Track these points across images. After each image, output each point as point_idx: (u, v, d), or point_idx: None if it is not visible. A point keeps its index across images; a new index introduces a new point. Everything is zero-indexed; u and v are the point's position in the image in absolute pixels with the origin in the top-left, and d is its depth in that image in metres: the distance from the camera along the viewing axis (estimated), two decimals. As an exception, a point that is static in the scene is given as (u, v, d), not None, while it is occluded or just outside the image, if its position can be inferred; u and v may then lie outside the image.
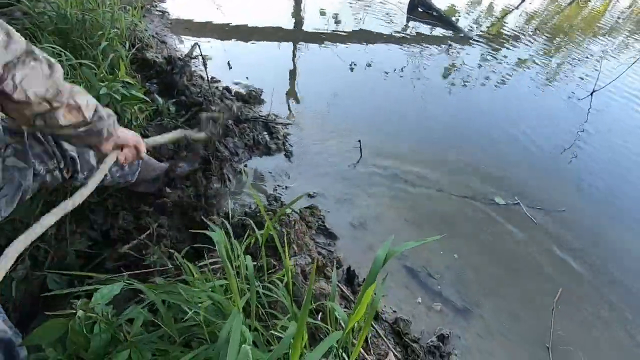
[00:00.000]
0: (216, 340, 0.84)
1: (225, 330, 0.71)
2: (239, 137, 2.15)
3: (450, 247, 1.89)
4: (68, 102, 0.91)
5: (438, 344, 1.42)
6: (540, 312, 1.65)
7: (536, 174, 2.49)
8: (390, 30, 4.14)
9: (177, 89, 2.31)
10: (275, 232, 0.98)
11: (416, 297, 1.63)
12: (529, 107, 3.28)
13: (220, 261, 1.34)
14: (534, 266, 1.88)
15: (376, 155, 2.35)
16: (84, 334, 0.97)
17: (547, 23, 5.49)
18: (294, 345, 0.73)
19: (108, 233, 1.80)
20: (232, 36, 3.44)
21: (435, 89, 3.25)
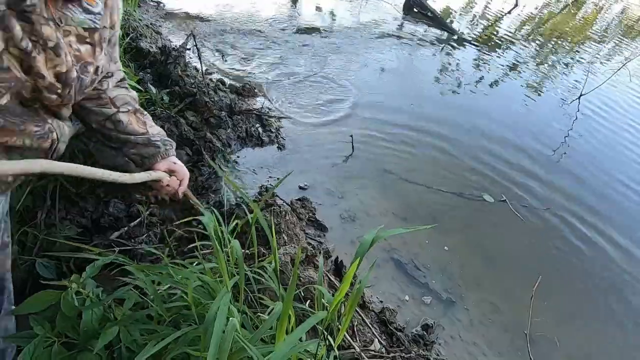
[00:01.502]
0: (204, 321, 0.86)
1: (214, 307, 0.73)
2: (232, 129, 2.16)
3: (437, 241, 1.93)
4: (136, 113, 1.00)
5: (422, 333, 1.45)
6: (520, 302, 1.70)
7: (524, 173, 2.55)
8: (385, 29, 4.18)
9: (171, 79, 2.31)
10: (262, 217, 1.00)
11: (403, 289, 1.66)
12: (520, 109, 3.35)
13: (210, 248, 1.36)
14: (517, 260, 1.94)
15: (367, 151, 2.38)
16: (75, 307, 0.98)
17: (539, 28, 5.59)
18: (279, 323, 0.76)
19: (98, 220, 1.79)
20: (227, 29, 3.44)
21: (427, 89, 3.30)
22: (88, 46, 0.77)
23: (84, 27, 0.74)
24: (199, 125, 2.12)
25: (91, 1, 0.75)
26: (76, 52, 0.75)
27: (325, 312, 0.80)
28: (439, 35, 4.37)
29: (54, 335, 1.00)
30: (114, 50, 0.90)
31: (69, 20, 0.71)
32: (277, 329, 0.77)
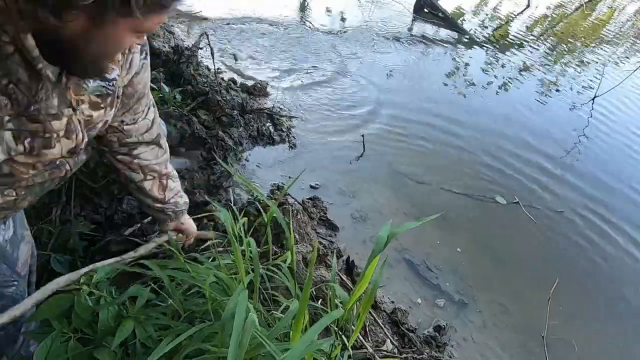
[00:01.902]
0: (219, 318, 0.86)
1: (231, 303, 0.73)
2: (244, 128, 2.17)
3: (449, 242, 1.91)
4: (160, 180, 1.07)
5: (434, 335, 1.44)
6: (533, 305, 1.68)
7: (537, 175, 2.52)
8: (395, 30, 4.16)
9: (183, 78, 2.33)
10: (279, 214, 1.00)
11: (415, 290, 1.65)
12: (532, 110, 3.31)
13: (224, 245, 1.37)
14: (530, 263, 1.91)
15: (379, 151, 2.37)
16: (89, 307, 0.99)
17: (552, 29, 5.52)
18: (295, 321, 0.75)
19: (112, 217, 1.81)
20: (238, 29, 3.46)
21: (438, 89, 3.28)
22: (101, 111, 0.76)
23: (97, 94, 0.73)
24: (211, 123, 2.13)
25: None
26: (87, 117, 0.74)
27: (341, 311, 0.79)
28: (449, 36, 4.35)
29: (70, 330, 1.01)
30: (138, 104, 0.88)
31: (82, 90, 0.68)
32: (293, 327, 0.77)
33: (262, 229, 1.51)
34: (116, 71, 0.74)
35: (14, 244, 0.95)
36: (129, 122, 0.91)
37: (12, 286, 0.96)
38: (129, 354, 1.04)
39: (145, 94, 0.90)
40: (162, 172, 1.07)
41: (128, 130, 0.93)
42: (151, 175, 1.05)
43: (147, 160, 1.02)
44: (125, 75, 0.79)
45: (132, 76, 0.81)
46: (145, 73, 0.85)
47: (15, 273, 0.96)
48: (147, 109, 0.94)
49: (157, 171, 1.05)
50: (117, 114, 0.85)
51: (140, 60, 0.82)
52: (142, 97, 0.89)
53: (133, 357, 1.02)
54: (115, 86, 0.75)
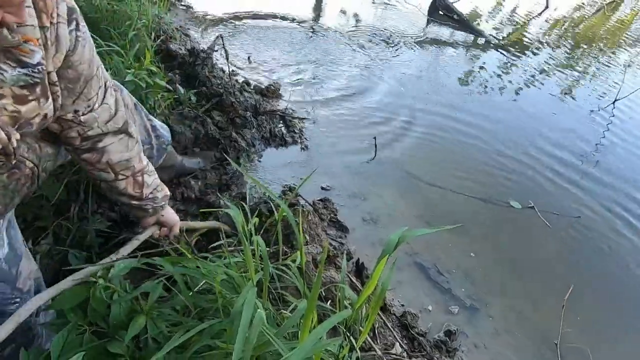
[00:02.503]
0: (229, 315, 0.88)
1: (240, 300, 0.74)
2: (257, 129, 2.19)
3: (461, 246, 1.89)
4: (135, 177, 0.98)
5: (445, 339, 1.42)
6: (548, 312, 1.64)
7: (553, 180, 2.46)
8: (409, 32, 4.14)
9: (198, 80, 2.37)
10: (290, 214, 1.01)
11: (425, 293, 1.63)
12: (550, 113, 3.24)
13: (234, 244, 1.38)
14: (545, 269, 1.87)
15: (391, 154, 2.36)
16: (104, 300, 1.02)
17: (571, 31, 5.40)
18: (304, 320, 0.76)
19: (127, 215, 1.85)
20: (253, 31, 3.50)
21: (452, 92, 3.24)
22: (31, 104, 0.65)
23: (21, 85, 0.62)
24: (224, 124, 2.16)
25: (24, 51, 0.59)
26: (13, 114, 0.63)
27: (350, 311, 0.79)
28: (465, 38, 4.30)
29: (86, 323, 1.04)
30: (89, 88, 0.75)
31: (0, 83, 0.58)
32: (302, 326, 0.77)
33: (272, 229, 1.52)
34: (38, 53, 0.62)
35: (11, 262, 0.93)
36: (85, 111, 0.79)
37: (14, 303, 0.95)
38: (140, 348, 1.07)
39: (94, 75, 0.76)
40: (135, 170, 0.96)
41: (86, 121, 0.80)
42: (123, 175, 0.95)
43: (118, 155, 0.90)
44: (54, 55, 0.66)
45: (65, 55, 0.68)
46: (84, 48, 0.71)
47: (17, 290, 0.96)
48: (102, 91, 0.81)
49: (130, 168, 0.95)
50: (66, 104, 0.74)
51: (70, 33, 0.67)
52: (90, 79, 0.76)
53: (145, 352, 1.04)
54: (42, 72, 0.64)
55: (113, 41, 2.23)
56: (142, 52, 2.29)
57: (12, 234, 0.97)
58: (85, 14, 2.34)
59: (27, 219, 1.67)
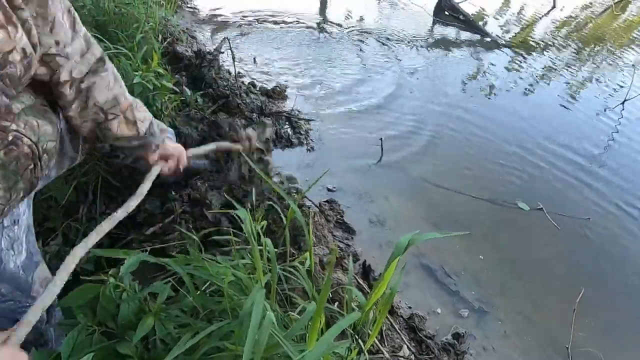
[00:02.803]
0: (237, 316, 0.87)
1: (249, 302, 0.74)
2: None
3: (469, 249, 1.87)
4: (125, 115, 0.94)
5: (453, 342, 1.41)
6: (558, 315, 1.62)
7: (562, 181, 2.44)
8: (415, 32, 4.13)
9: (205, 82, 2.38)
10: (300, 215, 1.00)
11: (432, 296, 1.62)
12: (558, 113, 3.21)
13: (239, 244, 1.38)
14: (555, 272, 1.84)
15: (397, 155, 2.35)
16: (113, 299, 1.03)
17: (579, 30, 5.35)
18: (312, 322, 0.75)
19: (135, 216, 1.86)
20: (259, 33, 3.51)
21: (458, 93, 3.22)
22: None
23: None
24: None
25: None
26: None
27: (358, 314, 0.79)
28: (471, 38, 4.28)
29: (95, 324, 1.05)
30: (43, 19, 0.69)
31: None
32: (310, 329, 0.77)
33: (279, 230, 1.52)
34: None
35: (28, 269, 0.94)
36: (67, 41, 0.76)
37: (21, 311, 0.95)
38: (148, 349, 1.07)
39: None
40: (123, 106, 0.93)
41: (73, 53, 0.78)
42: (113, 114, 0.91)
43: (103, 94, 0.87)
44: None
45: None
46: None
47: (31, 297, 0.96)
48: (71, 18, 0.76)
49: (118, 106, 0.91)
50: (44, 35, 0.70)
51: None
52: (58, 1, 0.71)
53: (153, 352, 1.05)
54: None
55: (121, 44, 2.25)
56: (150, 54, 2.30)
57: (30, 239, 0.97)
58: (93, 17, 2.37)
59: (36, 220, 1.68)
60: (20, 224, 0.92)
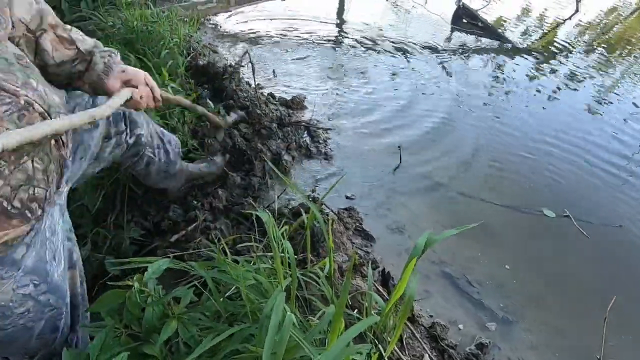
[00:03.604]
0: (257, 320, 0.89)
1: (269, 304, 0.75)
2: (282, 140, 2.23)
3: (491, 257, 1.83)
4: (57, 32, 0.86)
5: (477, 353, 1.37)
6: (589, 326, 1.55)
7: (590, 187, 2.35)
8: (433, 40, 4.13)
9: (226, 93, 2.46)
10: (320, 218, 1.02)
11: (454, 304, 1.59)
12: (584, 119, 3.11)
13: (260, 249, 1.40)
14: (584, 281, 1.77)
15: (416, 163, 2.34)
16: (139, 304, 1.06)
17: (604, 35, 5.20)
18: (332, 325, 0.76)
19: (159, 224, 1.93)
20: (277, 47, 3.60)
21: (479, 99, 3.18)
22: None
23: None
24: (250, 136, 2.22)
25: None
26: None
27: (377, 317, 0.79)
28: (491, 45, 4.23)
29: (121, 326, 1.09)
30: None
31: None
32: (330, 332, 0.78)
33: (297, 236, 1.54)
34: None
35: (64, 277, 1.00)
36: None
37: (61, 319, 1.00)
38: (172, 352, 1.10)
39: None
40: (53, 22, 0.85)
41: None
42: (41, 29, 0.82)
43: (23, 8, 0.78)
44: None
45: None
46: None
47: (65, 304, 1.01)
48: None
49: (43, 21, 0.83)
50: None
51: None
52: None
53: (176, 355, 1.07)
54: None
55: (146, 58, 2.36)
56: (174, 68, 2.41)
57: (71, 248, 1.03)
58: (122, 35, 2.50)
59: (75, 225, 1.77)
60: (57, 233, 0.95)
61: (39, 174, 0.73)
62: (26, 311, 0.85)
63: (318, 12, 4.41)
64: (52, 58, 0.87)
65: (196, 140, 2.14)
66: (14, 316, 0.82)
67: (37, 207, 0.76)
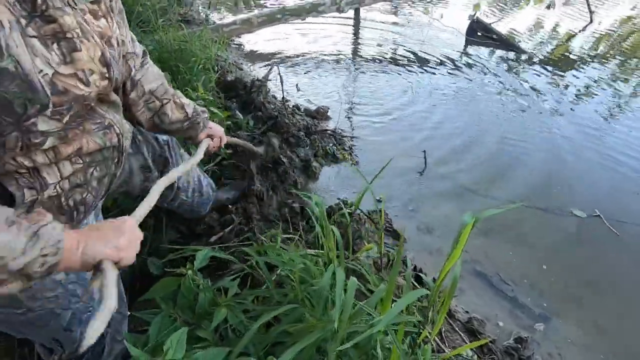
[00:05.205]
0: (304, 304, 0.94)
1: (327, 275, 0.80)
2: (310, 147, 2.32)
3: (523, 256, 1.83)
4: (174, 99, 1.09)
5: (516, 346, 1.37)
6: (628, 325, 1.52)
7: (616, 190, 2.34)
8: (449, 53, 4.22)
9: (254, 105, 2.58)
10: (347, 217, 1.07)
11: (488, 301, 1.59)
12: (604, 125, 3.11)
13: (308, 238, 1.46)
14: (619, 280, 1.75)
15: (441, 166, 2.38)
16: (192, 289, 1.13)
17: (620, 44, 5.21)
18: (386, 295, 0.80)
19: (195, 229, 2.01)
20: (299, 63, 3.75)
21: (499, 106, 3.22)
22: (103, 19, 0.73)
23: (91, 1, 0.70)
24: (279, 144, 2.31)
25: None
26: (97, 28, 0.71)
27: (426, 291, 0.83)
28: (505, 56, 4.30)
29: (175, 313, 1.15)
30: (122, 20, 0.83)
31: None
32: (382, 304, 0.82)
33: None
34: None
35: None
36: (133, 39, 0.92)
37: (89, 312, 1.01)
38: (221, 338, 1.15)
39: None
40: (171, 92, 1.08)
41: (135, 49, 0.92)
42: (166, 99, 1.06)
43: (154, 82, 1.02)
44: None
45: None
46: None
47: (92, 299, 1.01)
48: None
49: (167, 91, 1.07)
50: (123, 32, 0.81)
51: None
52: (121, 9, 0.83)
53: (225, 341, 1.12)
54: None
55: (181, 75, 2.52)
56: (207, 84, 2.55)
57: None
58: (156, 54, 2.68)
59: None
60: None
61: (94, 182, 0.83)
62: (55, 297, 0.88)
63: (335, 31, 4.59)
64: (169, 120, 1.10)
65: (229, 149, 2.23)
66: (43, 299, 0.85)
67: (83, 210, 0.84)
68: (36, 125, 0.63)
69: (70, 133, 0.71)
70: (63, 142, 0.70)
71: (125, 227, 0.73)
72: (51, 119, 0.65)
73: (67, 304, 0.92)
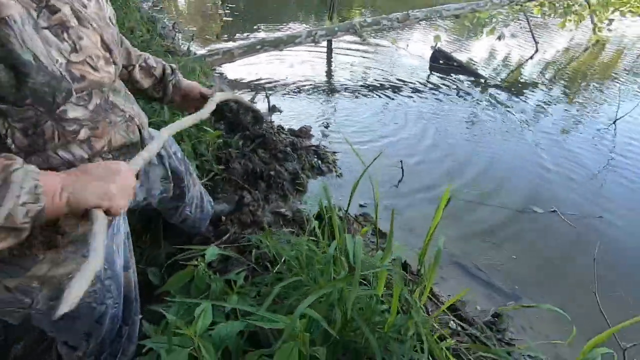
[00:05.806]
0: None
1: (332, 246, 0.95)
2: (297, 161, 2.50)
3: (495, 249, 2.05)
4: (140, 64, 1.07)
5: (494, 320, 1.55)
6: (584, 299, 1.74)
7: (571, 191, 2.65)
8: (415, 80, 4.62)
9: (242, 126, 2.75)
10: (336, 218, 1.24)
11: (466, 286, 1.78)
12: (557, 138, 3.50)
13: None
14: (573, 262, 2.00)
15: (417, 174, 2.62)
16: (204, 279, 1.24)
17: (563, 69, 5.87)
18: (384, 253, 0.96)
19: (190, 241, 2.09)
20: (277, 89, 3.99)
21: (464, 127, 3.57)
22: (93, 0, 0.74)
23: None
24: (268, 160, 2.48)
25: None
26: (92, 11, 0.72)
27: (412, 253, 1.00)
28: (466, 81, 4.75)
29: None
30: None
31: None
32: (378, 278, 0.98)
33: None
34: None
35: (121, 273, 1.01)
36: None
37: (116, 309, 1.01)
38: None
39: None
40: (137, 53, 1.06)
41: None
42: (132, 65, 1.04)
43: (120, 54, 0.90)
44: None
45: None
46: None
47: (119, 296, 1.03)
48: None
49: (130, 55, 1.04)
50: None
51: None
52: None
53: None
54: None
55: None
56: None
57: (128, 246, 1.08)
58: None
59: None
60: (120, 232, 1.02)
61: None
62: (93, 291, 0.90)
63: (310, 57, 4.93)
64: (141, 87, 1.12)
65: (221, 165, 2.38)
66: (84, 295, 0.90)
67: None
68: (66, 112, 0.66)
69: (100, 125, 0.74)
70: (95, 136, 0.73)
71: (119, 173, 0.68)
72: (78, 105, 0.68)
73: (101, 299, 0.94)
